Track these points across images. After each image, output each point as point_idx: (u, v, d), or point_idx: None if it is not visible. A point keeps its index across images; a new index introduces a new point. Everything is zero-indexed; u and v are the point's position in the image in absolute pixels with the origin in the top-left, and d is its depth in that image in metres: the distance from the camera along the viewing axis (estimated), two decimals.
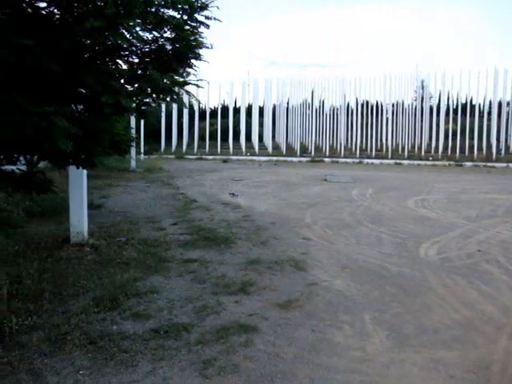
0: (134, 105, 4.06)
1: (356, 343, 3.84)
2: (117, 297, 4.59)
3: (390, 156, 26.79)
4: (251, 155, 26.03)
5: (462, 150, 28.42)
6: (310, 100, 29.97)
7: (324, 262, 6.09)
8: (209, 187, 13.20)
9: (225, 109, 32.03)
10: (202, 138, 28.22)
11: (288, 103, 30.25)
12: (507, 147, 29.34)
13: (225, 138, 27.85)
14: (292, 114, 30.20)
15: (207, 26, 3.85)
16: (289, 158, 25.15)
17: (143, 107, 4.32)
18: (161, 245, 6.68)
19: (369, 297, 4.87)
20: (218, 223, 8.23)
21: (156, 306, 4.49)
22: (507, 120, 30.29)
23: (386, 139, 28.50)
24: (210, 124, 28.67)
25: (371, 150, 27.93)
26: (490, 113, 31.07)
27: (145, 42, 3.71)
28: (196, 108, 29.00)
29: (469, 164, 25.47)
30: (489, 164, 25.83)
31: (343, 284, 5.24)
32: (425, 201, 11.14)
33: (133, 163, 17.18)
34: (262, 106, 31.20)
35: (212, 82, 37.42)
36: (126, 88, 3.86)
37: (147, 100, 4.19)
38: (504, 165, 25.72)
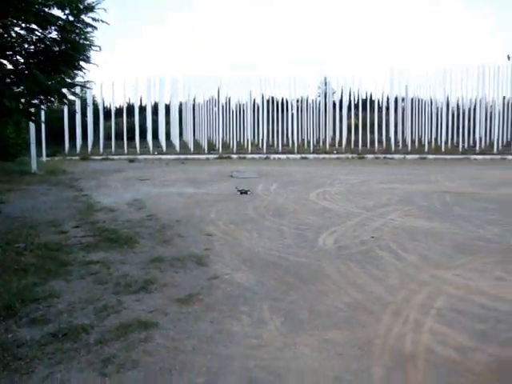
0: (20, 106, 3.97)
1: (253, 331, 4.01)
2: (12, 304, 4.47)
3: (296, 151, 27.52)
4: (159, 154, 25.75)
5: (364, 144, 29.81)
6: (216, 97, 30.11)
7: (226, 256, 6.25)
8: (114, 188, 12.98)
9: (130, 107, 31.44)
10: (107, 137, 27.55)
11: (195, 101, 30.25)
12: (404, 140, 31.11)
13: (131, 138, 27.34)
14: (199, 111, 30.22)
15: (95, 28, 3.84)
16: (196, 156, 25.16)
17: (31, 109, 4.23)
18: (62, 248, 6.54)
19: (267, 287, 5.08)
20: (121, 224, 8.16)
21: (55, 310, 4.43)
22: (403, 115, 32.09)
23: (292, 134, 29.22)
24: (116, 123, 28.03)
25: (278, 145, 28.58)
26: (388, 108, 32.73)
27: (28, 42, 3.64)
28: (101, 107, 28.27)
29: (370, 156, 26.69)
30: (388, 156, 27.25)
31: (244, 276, 5.42)
32: (326, 193, 11.63)
33: (34, 166, 16.50)
34: (168, 103, 30.94)
35: (117, 80, 36.64)
36: (12, 89, 3.77)
37: (35, 101, 4.11)
38: (402, 156, 27.26)
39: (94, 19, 3.86)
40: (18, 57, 3.83)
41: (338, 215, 8.93)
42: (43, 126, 19.06)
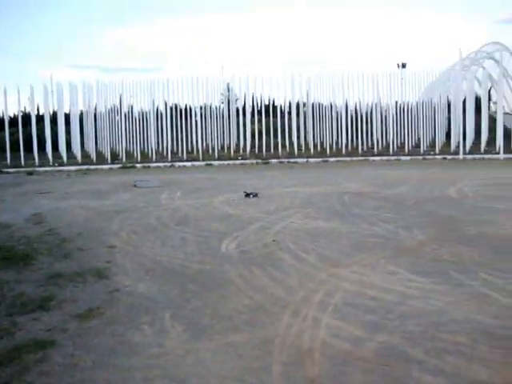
0: None
1: (155, 341, 4.01)
2: None
3: (201, 158, 27.53)
4: (59, 165, 24.75)
5: (268, 149, 30.39)
6: (118, 105, 29.50)
7: (128, 267, 6.18)
8: (10, 203, 12.35)
9: (26, 116, 30.02)
10: (2, 149, 26.09)
11: (96, 109, 29.44)
12: (306, 144, 32.07)
13: (29, 149, 26.06)
14: (100, 120, 29.45)
15: None
16: (99, 166, 24.44)
17: None
18: None
19: (170, 296, 5.09)
20: (17, 240, 7.80)
21: None
22: (305, 119, 33.11)
23: (197, 141, 29.22)
24: (11, 134, 26.63)
25: (182, 152, 28.46)
26: (290, 113, 33.59)
27: None
28: None
29: (274, 161, 27.23)
30: (292, 160, 27.96)
31: (146, 287, 5.39)
32: (230, 199, 11.77)
33: None
34: (68, 112, 29.89)
35: (10, 87, 34.80)
36: None
37: None
38: (305, 160, 28.09)
39: None
40: None
41: (241, 220, 9.08)
42: None
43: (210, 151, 29.02)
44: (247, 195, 11.89)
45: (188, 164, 25.78)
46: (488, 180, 15.24)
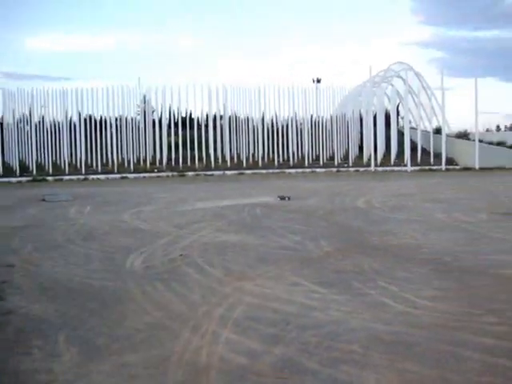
0: None
1: (44, 366, 3.80)
2: None
3: (116, 170, 26.91)
4: None
5: (185, 161, 30.19)
6: (28, 115, 28.25)
7: (25, 287, 5.87)
8: None
9: None
10: None
11: (2, 119, 28.04)
12: (223, 156, 32.15)
13: None
14: (8, 130, 28.03)
15: None
16: (6, 179, 23.25)
17: None
18: None
19: (66, 316, 4.87)
20: None
21: None
22: (221, 132, 33.20)
23: (112, 154, 28.54)
24: None
25: (97, 165, 27.65)
26: (207, 125, 33.57)
27: None
28: None
29: (191, 174, 27.10)
30: (208, 173, 27.92)
31: (41, 308, 5.13)
32: (141, 213, 11.55)
33: None
34: None
35: None
36: None
37: None
38: (221, 172, 28.16)
39: None
40: None
41: (150, 235, 8.92)
42: None
43: (126, 164, 28.41)
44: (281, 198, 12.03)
45: (102, 177, 25.10)
46: (395, 191, 15.94)
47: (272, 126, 34.97)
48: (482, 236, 8.52)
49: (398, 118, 39.60)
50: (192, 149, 30.91)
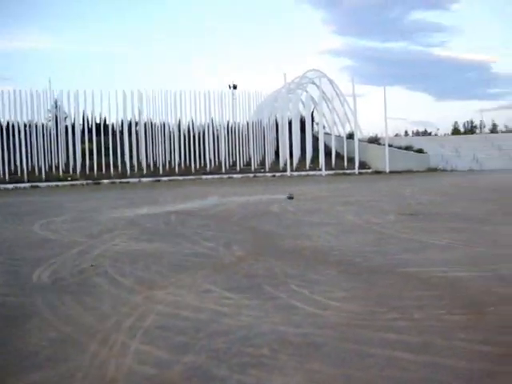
0: None
1: None
2: None
3: (26, 179, 25.75)
4: None
5: (100, 168, 29.39)
6: None
7: None
8: None
9: None
10: None
11: None
12: (139, 163, 31.61)
13: None
14: None
15: None
16: None
17: None
18: None
19: None
20: None
21: None
22: (137, 138, 32.65)
23: (21, 161, 27.30)
24: None
25: (4, 174, 26.34)
26: (122, 132, 32.95)
27: None
28: None
29: (106, 181, 26.46)
30: (124, 180, 27.36)
31: None
32: (51, 223, 11.12)
33: None
34: None
35: None
36: None
37: None
38: (137, 180, 27.67)
39: None
40: None
41: (61, 245, 8.59)
42: None
43: (37, 172, 27.25)
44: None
45: (10, 186, 23.94)
46: (308, 195, 16.35)
47: (188, 132, 34.87)
48: (390, 236, 8.90)
49: (312, 124, 40.76)
50: (107, 156, 30.19)
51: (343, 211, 12.32)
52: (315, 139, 36.72)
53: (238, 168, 33.33)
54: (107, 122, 34.52)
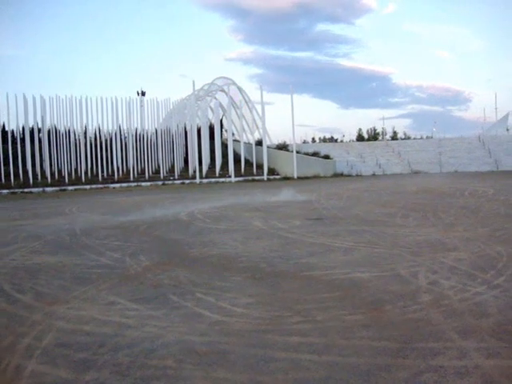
0: None
1: None
2: None
3: None
4: None
5: None
6: None
7: None
8: None
9: None
10: None
11: None
12: (43, 172, 30.21)
13: None
14: None
15: None
16: None
17: None
18: None
19: None
20: None
21: None
22: (40, 146, 31.21)
23: None
24: None
25: None
26: (23, 139, 31.36)
27: None
28: None
29: (5, 192, 25.04)
30: (26, 190, 26.03)
31: None
32: None
33: None
34: None
35: None
36: None
37: None
38: (41, 189, 26.41)
39: None
40: None
41: None
42: None
43: None
44: None
45: None
46: (217, 202, 16.37)
47: (95, 140, 33.85)
48: (295, 241, 9.10)
49: (221, 131, 40.95)
50: (6, 164, 28.58)
51: (251, 217, 12.45)
52: (224, 146, 36.93)
53: (146, 176, 32.74)
54: (6, 129, 32.71)
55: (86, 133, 33.23)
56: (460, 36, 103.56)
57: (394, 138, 64.59)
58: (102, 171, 32.19)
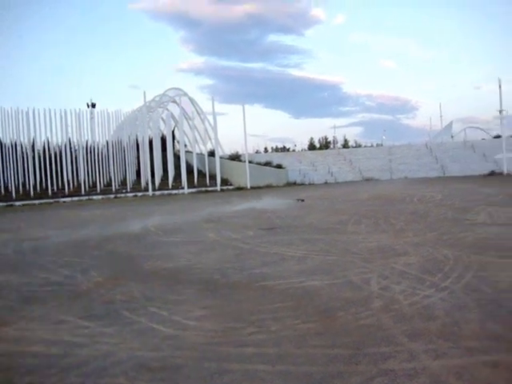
0: None
1: None
2: None
3: None
4: None
5: None
6: None
7: None
8: None
9: None
10: None
11: None
12: None
13: None
14: None
15: None
16: None
17: None
18: None
19: None
20: None
21: None
22: None
23: None
24: None
25: None
26: None
27: None
28: None
29: None
30: None
31: None
32: None
33: None
34: None
35: None
36: None
37: None
38: None
39: None
40: None
41: None
42: None
43: None
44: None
45: None
46: (170, 214, 16.22)
47: (44, 153, 32.98)
48: (249, 251, 9.11)
49: (174, 142, 40.65)
50: None
51: (205, 228, 12.40)
52: (177, 157, 36.67)
53: (98, 189, 32.12)
54: None
55: (33, 146, 32.32)
56: (406, 46, 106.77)
57: (346, 146, 65.76)
58: (52, 185, 31.39)
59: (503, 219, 11.37)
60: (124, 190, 32.05)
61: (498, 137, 43.12)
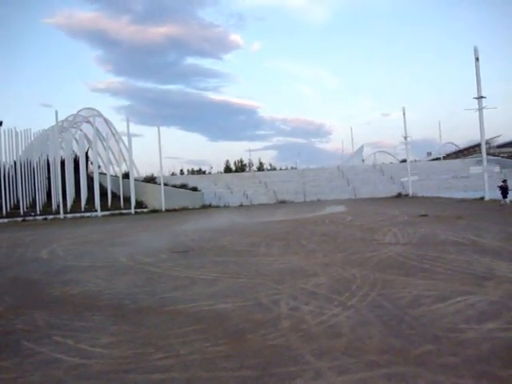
0: None
1: None
2: None
3: None
4: None
5: None
6: None
7: None
8: None
9: None
10: None
11: None
12: None
13: None
14: None
15: None
16: None
17: None
18: None
19: None
20: None
21: None
22: None
23: None
24: None
25: None
26: None
27: None
28: None
29: None
30: None
31: None
32: None
33: None
34: None
35: None
36: None
37: None
38: None
39: None
40: None
41: None
42: None
43: None
44: None
45: None
46: (82, 238, 15.71)
47: None
48: (160, 275, 8.98)
49: (87, 163, 39.55)
50: None
51: (116, 252, 12.09)
52: (90, 179, 35.65)
53: (4, 212, 30.49)
54: None
55: None
56: (319, 73, 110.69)
57: (261, 169, 66.70)
58: None
59: (406, 239, 11.99)
60: (33, 213, 30.61)
61: (404, 161, 45.56)
